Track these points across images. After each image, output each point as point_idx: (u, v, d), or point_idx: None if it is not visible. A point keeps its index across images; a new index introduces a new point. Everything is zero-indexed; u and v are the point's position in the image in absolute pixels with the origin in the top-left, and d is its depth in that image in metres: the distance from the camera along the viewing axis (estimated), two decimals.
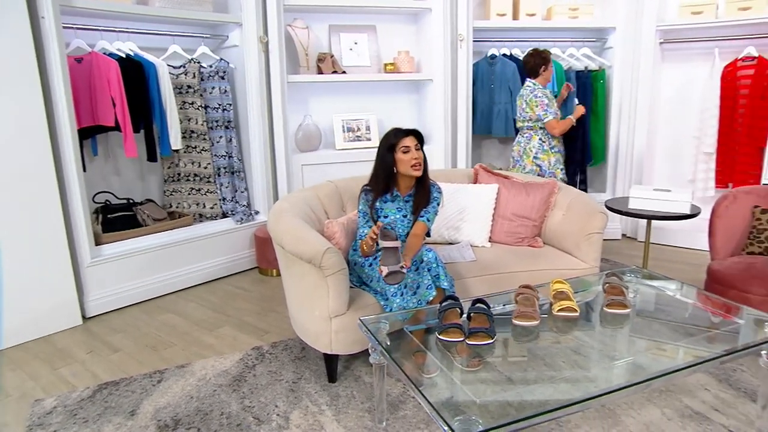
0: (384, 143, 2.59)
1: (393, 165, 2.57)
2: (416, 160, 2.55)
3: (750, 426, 2.15)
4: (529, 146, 3.83)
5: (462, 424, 1.46)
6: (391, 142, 2.56)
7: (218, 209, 4.05)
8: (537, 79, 3.77)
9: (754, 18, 3.85)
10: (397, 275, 2.25)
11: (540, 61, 3.74)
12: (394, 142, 2.56)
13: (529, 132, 3.85)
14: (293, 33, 4.21)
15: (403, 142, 2.55)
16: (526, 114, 3.79)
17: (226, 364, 2.70)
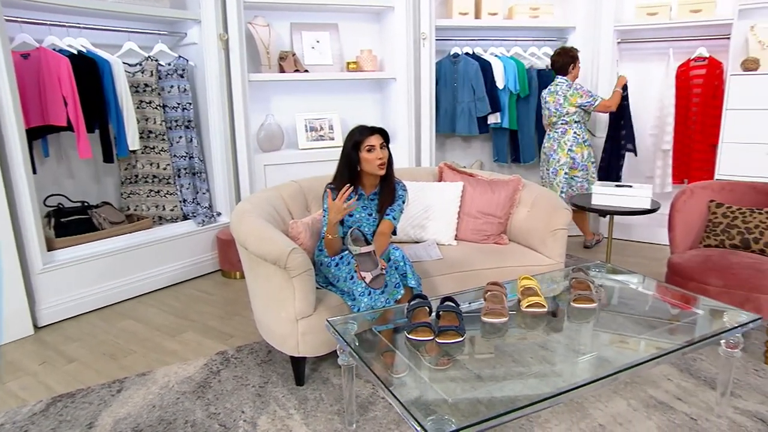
0: (349, 141, 2.56)
1: (357, 163, 2.54)
2: (381, 160, 2.52)
3: (710, 413, 2.20)
4: (563, 140, 4.01)
5: (435, 424, 1.44)
6: (356, 140, 2.53)
7: (179, 211, 3.93)
8: (567, 76, 3.99)
9: (704, 20, 3.98)
10: (380, 278, 2.24)
11: (569, 59, 3.93)
12: (359, 140, 2.53)
13: (563, 126, 4.02)
14: (254, 31, 4.13)
15: (369, 141, 2.52)
16: (563, 109, 3.95)
17: (190, 371, 2.62)
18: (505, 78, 4.52)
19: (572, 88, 3.93)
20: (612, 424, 2.13)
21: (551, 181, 4.17)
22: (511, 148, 4.90)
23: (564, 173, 4.05)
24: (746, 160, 3.82)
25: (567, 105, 3.94)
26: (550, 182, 4.19)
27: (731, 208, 2.81)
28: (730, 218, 2.77)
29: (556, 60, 3.98)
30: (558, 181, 4.11)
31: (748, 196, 2.86)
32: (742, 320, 2.04)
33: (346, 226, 2.60)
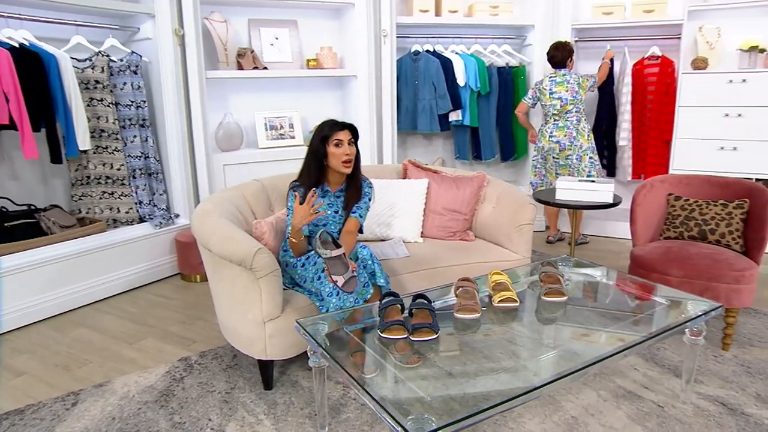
0: (318, 134, 2.51)
1: (324, 157, 2.49)
2: (348, 156, 2.48)
3: (675, 399, 2.26)
4: (580, 126, 4.06)
5: (414, 424, 1.41)
6: (324, 134, 2.48)
7: (134, 214, 3.77)
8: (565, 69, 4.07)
9: (656, 20, 4.11)
10: (352, 281, 2.18)
11: (566, 53, 4.02)
12: (328, 134, 2.48)
13: (577, 114, 4.07)
14: (211, 26, 4.00)
15: (337, 135, 2.48)
16: (579, 95, 4.03)
17: (151, 379, 2.50)
18: (466, 75, 4.54)
19: (581, 77, 4.05)
20: (584, 416, 2.16)
21: (576, 168, 4.11)
22: (473, 146, 4.93)
23: (588, 158, 4.07)
24: (698, 155, 3.97)
25: (582, 92, 4.03)
26: (575, 169, 4.12)
27: (688, 200, 2.89)
28: (688, 211, 2.86)
29: (554, 55, 4.04)
30: (584, 166, 4.09)
31: (704, 189, 2.96)
32: (705, 308, 2.09)
33: (312, 224, 2.54)
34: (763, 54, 3.87)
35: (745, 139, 3.71)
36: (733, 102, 3.83)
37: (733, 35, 3.99)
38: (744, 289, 2.54)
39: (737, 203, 2.78)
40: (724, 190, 2.91)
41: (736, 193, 2.86)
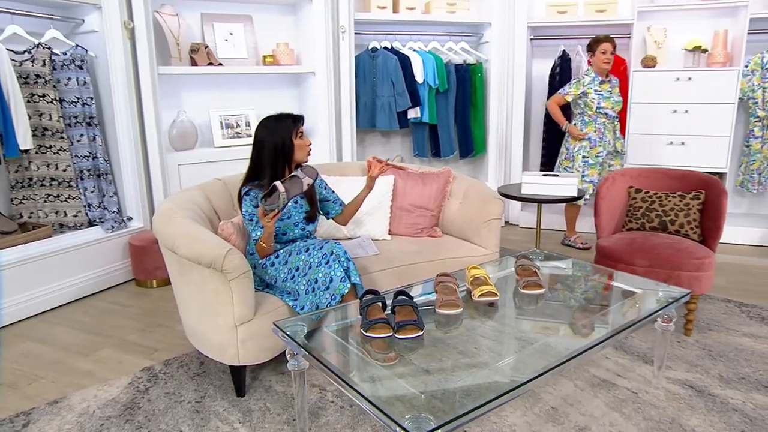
0: (279, 130, 2.42)
1: (292, 152, 2.42)
2: (309, 145, 2.49)
3: (648, 385, 2.32)
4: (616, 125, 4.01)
5: (413, 423, 1.37)
6: (291, 129, 2.42)
7: (83, 217, 3.55)
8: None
9: (608, 20, 4.25)
10: (309, 170, 2.28)
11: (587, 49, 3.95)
12: (294, 127, 2.43)
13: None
14: (161, 20, 3.82)
15: (300, 127, 2.45)
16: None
17: (113, 392, 2.35)
18: (424, 72, 4.54)
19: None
20: (563, 406, 2.18)
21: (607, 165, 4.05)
22: (431, 143, 4.94)
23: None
24: (650, 150, 4.12)
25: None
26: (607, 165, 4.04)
27: (649, 193, 2.99)
28: (649, 202, 2.96)
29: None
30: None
31: (662, 181, 3.07)
32: (676, 295, 2.16)
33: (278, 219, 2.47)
34: (705, 54, 4.07)
35: (692, 135, 3.89)
36: (680, 99, 4.01)
37: (679, 35, 4.18)
38: (703, 276, 2.64)
39: (694, 194, 2.90)
40: (680, 182, 3.03)
41: (692, 184, 2.98)
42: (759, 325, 2.87)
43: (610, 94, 3.86)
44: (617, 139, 3.99)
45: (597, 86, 3.86)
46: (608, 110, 3.86)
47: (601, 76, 3.87)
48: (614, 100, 3.88)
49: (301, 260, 2.36)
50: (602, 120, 3.90)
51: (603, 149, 3.93)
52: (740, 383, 2.35)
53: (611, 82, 3.91)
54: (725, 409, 2.17)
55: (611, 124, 3.93)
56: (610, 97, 3.86)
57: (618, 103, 3.90)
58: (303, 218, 2.54)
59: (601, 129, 3.92)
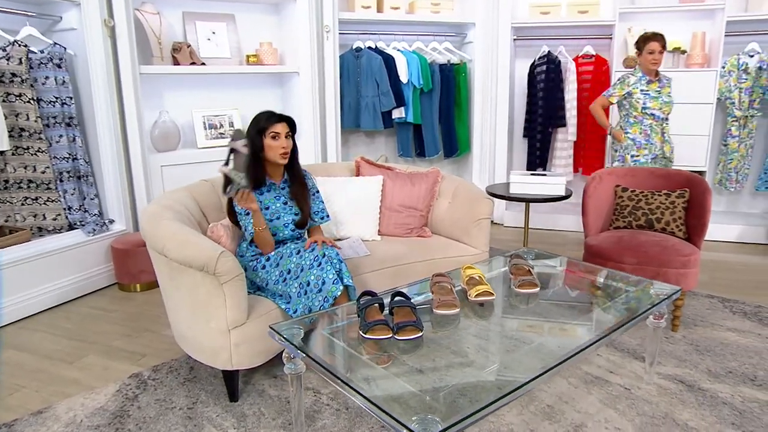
0: (254, 126, 2.43)
1: (261, 150, 2.41)
2: (284, 149, 2.43)
3: (639, 381, 2.35)
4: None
5: (420, 425, 1.35)
6: (261, 126, 2.41)
7: (63, 220, 3.45)
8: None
9: (590, 21, 4.30)
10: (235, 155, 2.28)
11: (635, 47, 3.66)
12: (265, 126, 2.41)
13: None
14: (143, 18, 3.74)
15: (274, 128, 2.41)
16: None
17: (101, 400, 2.28)
18: (409, 72, 4.54)
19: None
20: (559, 404, 2.19)
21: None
22: (416, 143, 4.94)
23: None
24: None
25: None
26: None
27: (635, 191, 3.04)
28: (635, 201, 3.00)
29: None
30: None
31: (648, 180, 3.11)
32: (668, 292, 2.19)
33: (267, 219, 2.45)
34: (684, 55, 4.15)
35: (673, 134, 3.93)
36: None
37: None
38: (690, 273, 2.69)
39: (679, 193, 2.95)
40: (665, 181, 3.08)
41: (676, 183, 3.03)
42: (742, 319, 2.94)
43: (658, 94, 3.59)
44: (665, 142, 3.70)
45: (644, 86, 3.60)
46: (655, 111, 3.60)
47: (649, 76, 3.61)
48: (663, 100, 3.60)
49: (292, 263, 2.34)
50: (649, 122, 3.63)
51: (649, 152, 3.66)
52: (728, 377, 2.40)
53: (661, 82, 3.63)
54: (715, 403, 2.21)
55: (659, 126, 3.65)
56: (658, 98, 3.59)
57: (667, 104, 3.62)
58: (293, 221, 2.52)
59: (648, 131, 3.65)
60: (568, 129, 4.45)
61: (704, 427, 2.06)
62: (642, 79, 3.61)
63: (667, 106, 3.63)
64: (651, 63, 3.52)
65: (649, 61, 3.52)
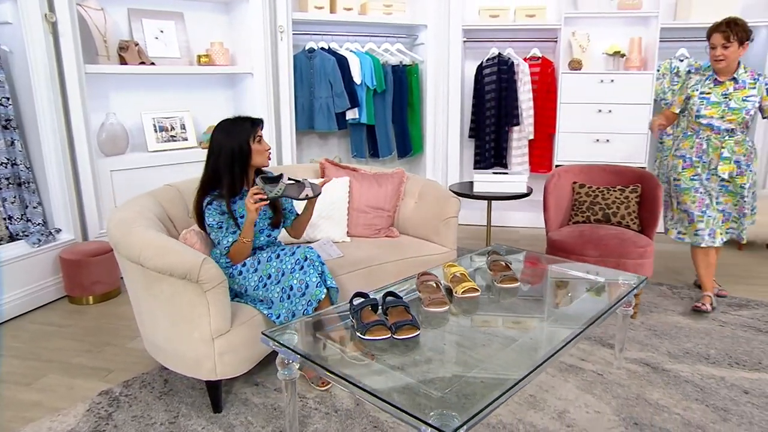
0: (236, 137, 2.31)
1: (249, 156, 2.34)
2: (268, 151, 2.41)
3: (610, 366, 2.49)
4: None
5: (438, 420, 1.38)
6: (248, 133, 2.33)
7: (3, 231, 3.20)
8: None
9: (537, 24, 4.49)
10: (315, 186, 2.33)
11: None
12: (251, 132, 2.33)
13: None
14: (86, 14, 3.54)
15: (258, 131, 2.37)
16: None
17: (70, 422, 2.14)
18: (362, 73, 4.55)
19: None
20: (540, 393, 2.29)
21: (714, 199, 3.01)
22: (369, 143, 4.95)
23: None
24: (578, 148, 4.41)
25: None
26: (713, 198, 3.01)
27: (592, 187, 3.21)
28: (592, 197, 3.17)
29: None
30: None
31: (601, 176, 3.30)
32: (635, 282, 2.34)
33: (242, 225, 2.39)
34: (623, 58, 4.42)
35: (615, 132, 4.20)
36: (605, 99, 4.32)
37: (600, 41, 4.50)
38: (646, 263, 2.88)
39: (632, 188, 3.14)
40: (618, 177, 3.27)
41: (629, 179, 3.23)
42: (689, 304, 3.17)
43: (724, 99, 2.87)
44: (725, 160, 2.89)
45: (706, 87, 2.93)
46: (713, 121, 2.88)
47: (719, 75, 2.90)
48: (729, 107, 2.86)
49: (272, 267, 2.29)
50: (706, 134, 2.93)
51: (702, 171, 2.95)
52: (686, 357, 2.58)
53: (738, 83, 2.87)
54: (678, 382, 2.38)
55: (719, 140, 2.91)
56: (720, 103, 2.87)
57: (736, 112, 2.85)
58: (268, 224, 2.47)
59: (703, 145, 2.94)
60: (525, 128, 4.61)
61: (673, 404, 2.22)
62: (707, 80, 2.95)
63: (736, 115, 2.85)
64: (714, 61, 2.87)
65: (712, 58, 2.89)
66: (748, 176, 2.94)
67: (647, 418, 2.13)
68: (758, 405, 2.22)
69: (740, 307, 3.13)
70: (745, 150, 2.92)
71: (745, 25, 2.84)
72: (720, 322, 2.95)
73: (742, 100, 2.87)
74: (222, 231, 2.33)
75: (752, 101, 2.87)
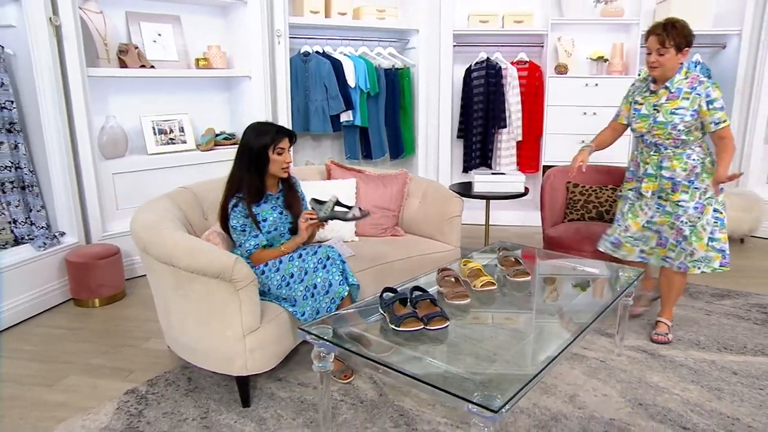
0: (259, 139, 2.40)
1: (266, 164, 2.42)
2: (288, 164, 2.48)
3: (611, 354, 2.67)
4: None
5: (483, 399, 1.50)
6: (266, 142, 2.39)
7: (8, 235, 3.19)
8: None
9: (525, 30, 4.67)
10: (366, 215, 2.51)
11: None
12: (273, 142, 2.40)
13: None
14: (86, 17, 3.54)
15: (282, 143, 2.43)
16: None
17: (103, 419, 2.19)
18: (356, 77, 4.64)
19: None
20: (550, 379, 2.44)
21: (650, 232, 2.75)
22: (362, 145, 5.05)
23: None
24: (565, 149, 4.59)
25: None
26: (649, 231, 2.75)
27: (585, 187, 3.39)
28: (586, 196, 3.35)
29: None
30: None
31: (593, 176, 3.48)
32: (635, 274, 2.52)
33: (265, 231, 2.46)
34: (606, 63, 4.64)
35: None
36: (589, 102, 4.53)
37: (585, 46, 4.72)
38: None
39: None
40: (608, 176, 3.46)
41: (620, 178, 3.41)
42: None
43: (654, 111, 2.57)
44: (649, 177, 2.64)
45: (640, 97, 2.66)
46: (644, 135, 2.63)
47: (654, 83, 2.61)
48: (656, 120, 2.56)
49: (294, 266, 2.38)
50: (640, 146, 2.71)
51: (636, 187, 2.75)
52: (678, 344, 2.78)
53: (672, 92, 2.53)
54: (674, 366, 2.56)
55: (647, 154, 2.65)
56: (648, 116, 2.59)
57: (661, 126, 2.54)
58: (288, 229, 2.55)
59: (637, 160, 2.74)
60: (513, 129, 4.79)
61: (671, 386, 2.40)
62: (642, 87, 2.68)
63: (659, 128, 2.55)
64: (648, 67, 2.57)
65: (646, 63, 2.58)
66: (692, 193, 2.55)
67: (650, 399, 2.30)
68: (747, 384, 2.42)
69: (723, 297, 3.36)
70: (684, 166, 2.56)
71: (685, 29, 2.48)
72: (706, 312, 3.16)
73: (670, 113, 2.52)
74: (245, 234, 2.40)
75: (681, 115, 2.49)
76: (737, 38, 4.42)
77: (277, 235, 2.50)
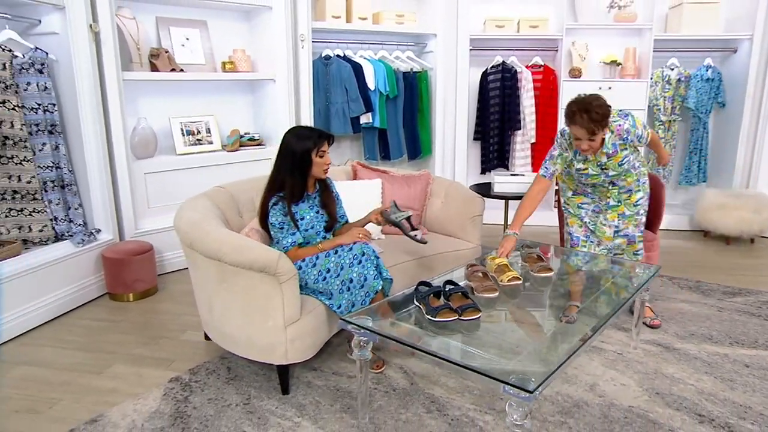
0: (302, 142, 2.53)
1: (309, 167, 2.56)
2: (328, 165, 2.62)
3: (627, 347, 2.79)
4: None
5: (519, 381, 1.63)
6: (309, 146, 2.53)
7: (49, 231, 3.34)
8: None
9: (540, 35, 4.80)
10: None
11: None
12: (315, 146, 2.54)
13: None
14: (121, 23, 3.69)
15: (323, 146, 2.56)
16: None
17: (152, 404, 2.34)
18: (376, 80, 4.78)
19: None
20: (570, 370, 2.56)
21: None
22: (381, 146, 5.19)
23: None
24: None
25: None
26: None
27: None
28: None
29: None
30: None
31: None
32: (652, 270, 2.64)
33: (302, 229, 2.60)
34: (619, 67, 4.76)
35: None
36: None
37: (598, 50, 4.84)
38: (653, 255, 3.20)
39: None
40: None
41: None
42: (689, 293, 3.51)
43: (602, 171, 2.83)
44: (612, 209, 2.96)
45: (580, 164, 2.86)
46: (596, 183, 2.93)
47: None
48: (608, 174, 2.84)
49: (331, 262, 2.51)
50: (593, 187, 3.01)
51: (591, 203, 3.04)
52: (692, 338, 2.90)
53: (610, 152, 2.75)
54: (688, 358, 2.69)
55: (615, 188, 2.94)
56: (599, 174, 2.84)
57: (615, 176, 2.84)
58: (323, 227, 2.69)
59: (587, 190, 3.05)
60: (528, 132, 4.92)
61: (686, 377, 2.53)
62: (578, 156, 2.84)
63: (615, 176, 2.84)
64: (581, 151, 2.72)
65: (576, 146, 2.71)
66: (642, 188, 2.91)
67: (666, 389, 2.43)
68: (758, 376, 2.54)
69: (734, 295, 3.48)
70: (635, 176, 2.88)
71: (602, 106, 2.57)
72: (718, 308, 3.29)
73: (618, 165, 2.77)
74: (283, 232, 2.54)
75: (627, 161, 2.77)
76: (748, 42, 4.52)
77: (313, 233, 2.64)
